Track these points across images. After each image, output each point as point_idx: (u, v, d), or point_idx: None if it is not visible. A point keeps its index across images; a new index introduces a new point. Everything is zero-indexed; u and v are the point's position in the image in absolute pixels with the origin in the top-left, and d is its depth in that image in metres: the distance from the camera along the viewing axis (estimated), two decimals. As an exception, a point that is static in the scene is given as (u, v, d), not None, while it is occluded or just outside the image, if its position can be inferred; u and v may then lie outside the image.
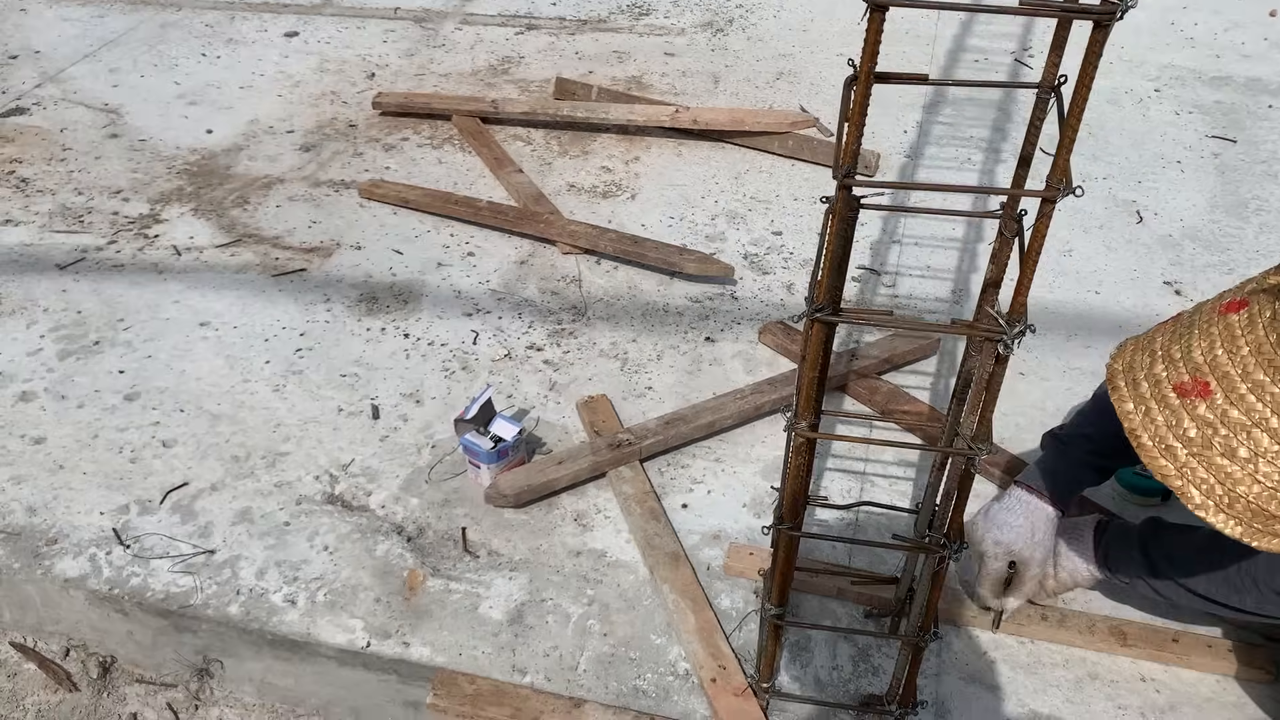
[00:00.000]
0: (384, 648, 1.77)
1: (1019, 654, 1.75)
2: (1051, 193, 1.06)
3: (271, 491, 2.05)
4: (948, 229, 2.77)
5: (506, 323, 2.46)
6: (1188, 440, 1.15)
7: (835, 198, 1.14)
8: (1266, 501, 1.11)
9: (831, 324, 1.24)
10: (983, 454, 1.27)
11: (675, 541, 1.92)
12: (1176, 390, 1.17)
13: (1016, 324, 1.16)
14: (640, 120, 3.12)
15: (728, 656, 1.72)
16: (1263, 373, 1.12)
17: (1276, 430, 1.10)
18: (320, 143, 3.19)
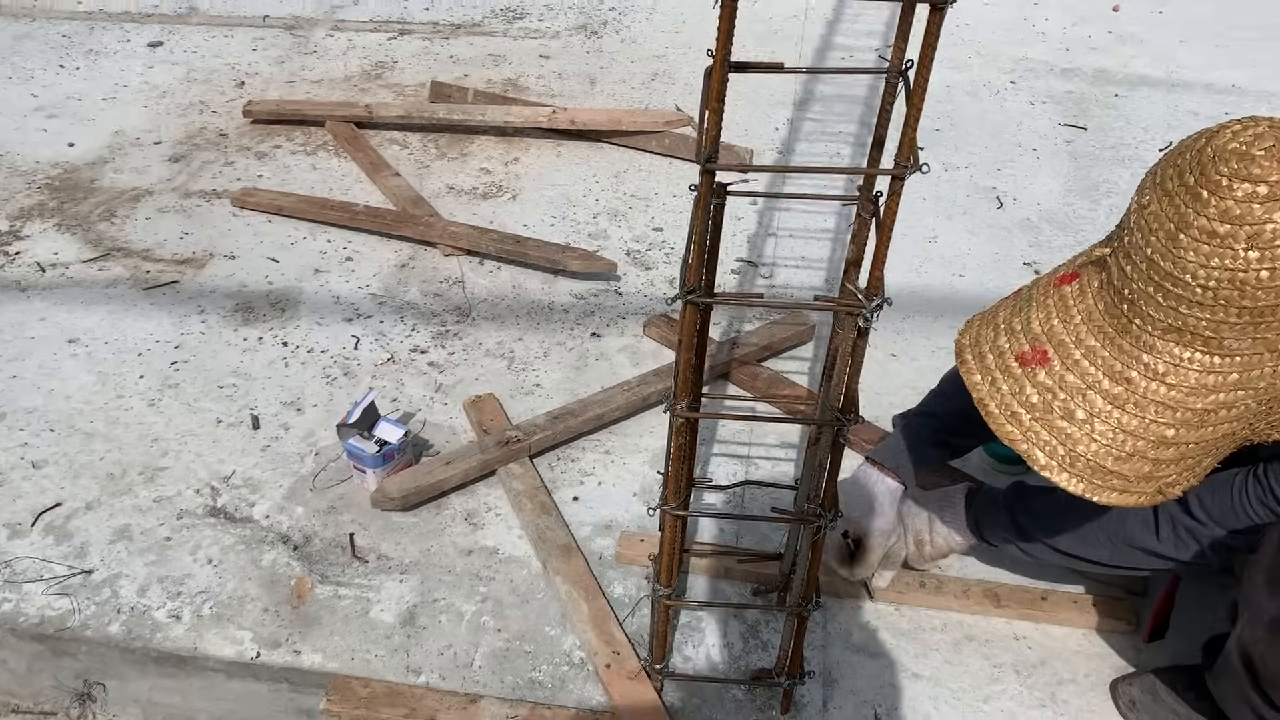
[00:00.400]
0: (274, 657, 1.75)
1: (900, 622, 1.82)
2: (900, 170, 1.12)
3: (150, 507, 2.00)
4: (820, 220, 2.85)
5: (389, 327, 2.45)
6: (1030, 406, 1.22)
7: (700, 182, 1.18)
8: (1103, 458, 1.19)
9: (703, 306, 1.28)
10: (850, 424, 1.32)
11: (567, 533, 1.94)
12: (1019, 360, 1.24)
13: (875, 298, 1.21)
14: (518, 122, 3.14)
15: (621, 642, 1.74)
16: (1094, 339, 1.20)
17: (1108, 391, 1.18)
18: (190, 153, 3.11)
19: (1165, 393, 1.16)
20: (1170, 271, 1.11)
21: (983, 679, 1.73)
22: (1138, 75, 3.64)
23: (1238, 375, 1.15)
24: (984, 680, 1.73)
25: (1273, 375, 1.15)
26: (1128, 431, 1.18)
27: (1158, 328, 1.15)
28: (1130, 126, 3.33)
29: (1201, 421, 1.17)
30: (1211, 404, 1.16)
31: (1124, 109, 3.44)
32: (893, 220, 1.17)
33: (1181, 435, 1.18)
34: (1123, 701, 1.69)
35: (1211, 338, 1.13)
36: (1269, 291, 1.09)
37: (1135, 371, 1.17)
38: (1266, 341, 1.13)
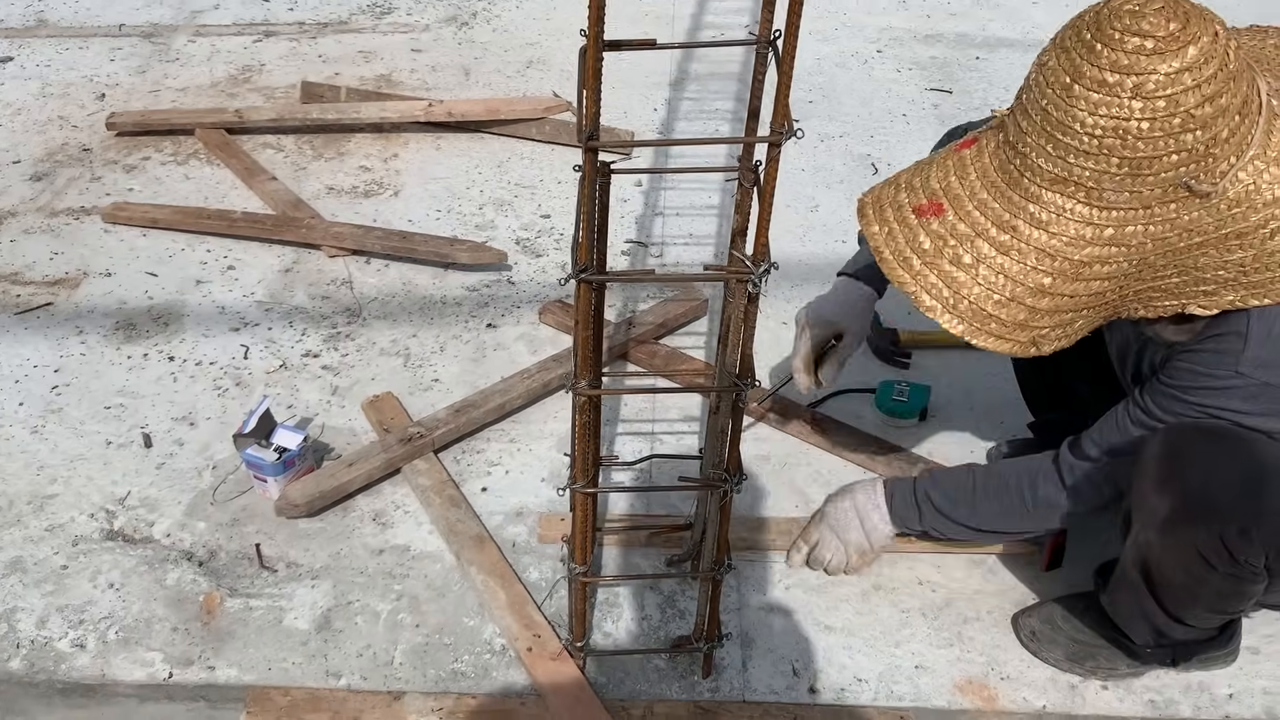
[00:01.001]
0: (188, 675, 1.71)
1: (810, 579, 1.87)
2: (776, 137, 1.15)
3: (43, 537, 1.93)
4: (705, 197, 2.90)
5: (278, 333, 2.40)
6: (922, 251, 1.31)
7: (584, 161, 1.19)
8: (984, 302, 1.29)
9: (595, 284, 1.30)
10: (747, 388, 1.36)
11: (478, 524, 1.94)
12: (915, 211, 1.34)
13: (761, 263, 1.25)
14: (394, 117, 3.10)
15: (541, 625, 1.76)
16: (986, 193, 1.30)
17: (995, 239, 1.28)
18: (53, 170, 2.99)
19: (1046, 240, 1.26)
20: (1061, 120, 1.21)
21: (892, 625, 1.80)
22: (996, 37, 3.77)
23: (1113, 230, 1.24)
24: (894, 626, 1.80)
25: (1144, 234, 1.24)
26: (1009, 276, 1.27)
27: (1045, 178, 1.25)
28: (992, 87, 3.46)
29: (1077, 274, 1.27)
30: (1088, 256, 1.25)
31: (985, 70, 3.56)
32: (773, 186, 1.20)
33: (1057, 285, 1.27)
34: (1024, 634, 1.77)
35: (1093, 189, 1.22)
36: (1148, 143, 1.18)
37: (1021, 220, 1.27)
38: (1141, 197, 1.22)
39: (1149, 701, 1.69)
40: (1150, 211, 1.24)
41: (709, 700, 1.68)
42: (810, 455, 2.12)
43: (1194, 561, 1.43)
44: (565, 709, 1.64)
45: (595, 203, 1.27)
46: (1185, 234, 1.25)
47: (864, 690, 1.70)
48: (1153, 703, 1.69)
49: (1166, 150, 1.19)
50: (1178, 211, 1.24)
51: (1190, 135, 1.19)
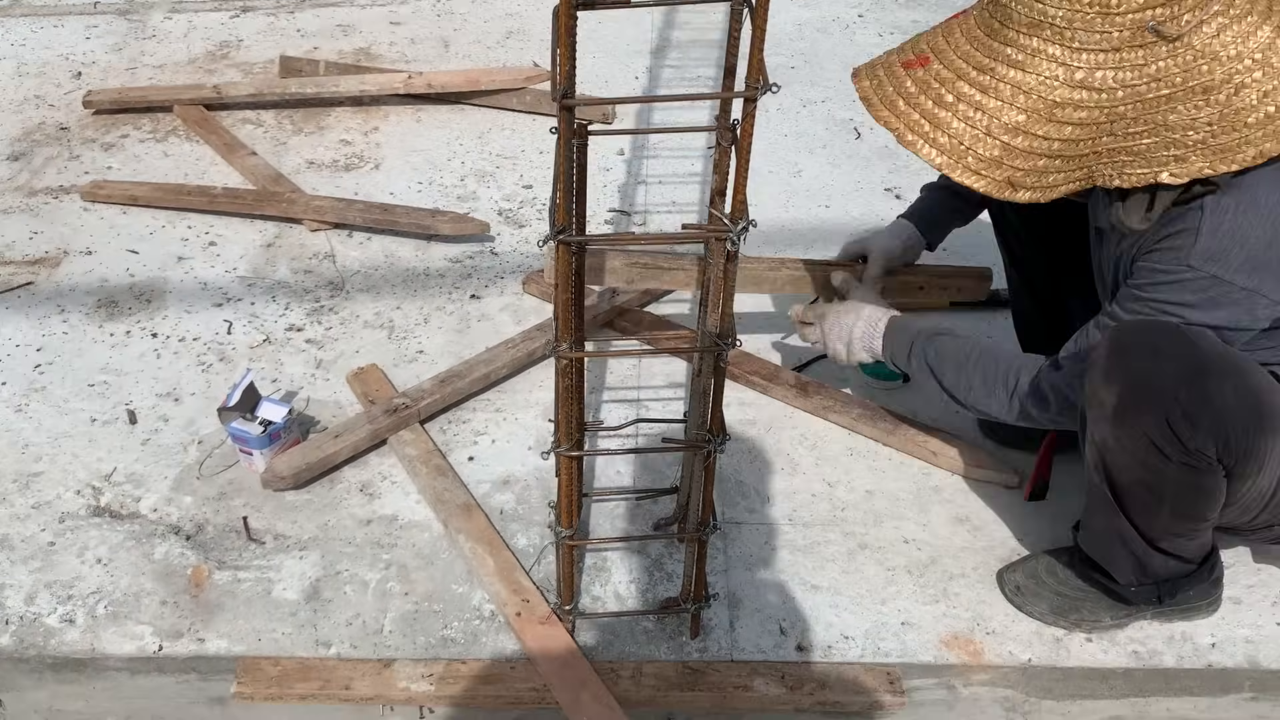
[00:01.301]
0: (178, 648, 1.72)
1: (796, 539, 1.88)
2: (751, 91, 1.15)
3: (29, 514, 1.93)
4: (688, 165, 2.89)
5: (261, 308, 2.40)
6: (907, 94, 1.43)
7: (559, 119, 1.19)
8: (963, 136, 1.38)
9: (574, 246, 1.30)
10: (729, 348, 1.36)
11: (465, 493, 1.94)
12: (903, 66, 1.45)
13: (740, 221, 1.25)
14: (374, 90, 3.08)
15: (530, 590, 1.77)
16: (969, 44, 1.41)
17: (974, 79, 1.38)
18: (30, 150, 2.97)
19: (1021, 78, 1.35)
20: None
21: (878, 583, 1.81)
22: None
23: (1084, 73, 1.32)
24: (880, 584, 1.81)
25: (1114, 80, 1.32)
26: (986, 112, 1.37)
27: (1021, 23, 1.34)
28: (974, 50, 3.45)
29: (1050, 114, 1.35)
30: (1060, 98, 1.34)
31: (967, 34, 3.55)
32: (749, 142, 1.20)
33: (1031, 125, 1.36)
34: (1008, 589, 1.78)
35: (1064, 29, 1.31)
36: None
37: (999, 63, 1.36)
38: (1111, 39, 1.31)
39: (1133, 653, 1.71)
40: (1120, 55, 1.31)
41: (697, 660, 1.69)
42: (796, 419, 2.13)
43: (1147, 451, 1.45)
44: (555, 672, 1.65)
45: (573, 163, 1.27)
46: (1153, 83, 1.32)
47: (851, 647, 1.71)
48: (1136, 654, 1.71)
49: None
50: (1145, 58, 1.31)
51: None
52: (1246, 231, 1.38)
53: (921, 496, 1.96)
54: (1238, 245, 1.38)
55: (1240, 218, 1.38)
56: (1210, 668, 1.70)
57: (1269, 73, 1.31)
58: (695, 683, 1.66)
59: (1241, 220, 1.38)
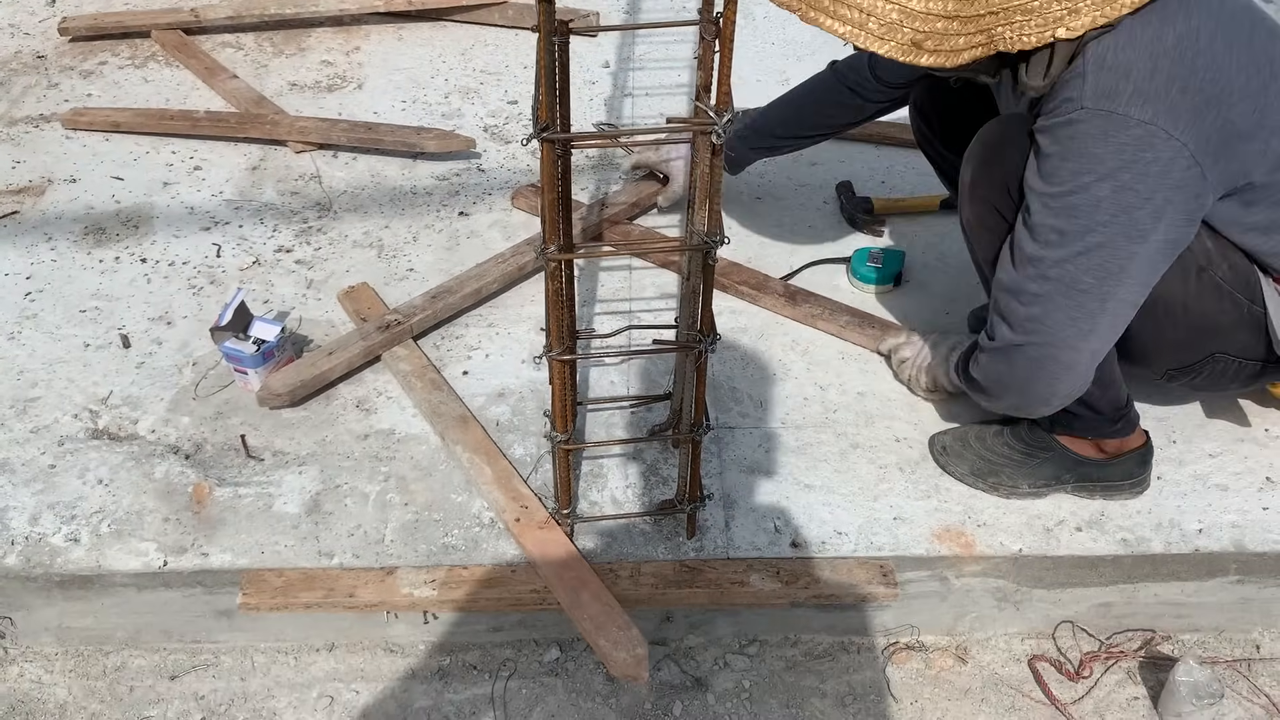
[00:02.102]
0: (182, 563, 1.74)
1: (789, 441, 1.91)
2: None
3: (28, 438, 1.94)
4: (675, 76, 2.86)
5: (249, 230, 2.39)
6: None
7: (538, 12, 1.17)
8: (862, 4, 1.35)
9: (558, 143, 1.29)
10: (717, 245, 1.36)
11: (461, 405, 1.96)
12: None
13: (725, 113, 1.24)
14: (354, 9, 3.03)
15: (528, 497, 1.79)
16: None
17: None
18: (7, 79, 2.93)
19: None
20: None
21: (870, 480, 1.84)
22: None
23: None
24: (872, 482, 1.84)
25: None
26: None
27: None
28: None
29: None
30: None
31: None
32: (731, 33, 1.19)
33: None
34: (935, 449, 1.86)
35: None
36: None
37: None
38: None
39: (1121, 540, 1.74)
40: None
41: (694, 559, 1.72)
42: (786, 326, 2.14)
43: (992, 219, 1.59)
44: (554, 574, 1.68)
45: (554, 61, 1.25)
46: None
47: (844, 543, 1.74)
48: (1125, 541, 1.74)
49: None
50: None
51: None
52: (1130, 64, 1.38)
53: (913, 396, 1.98)
54: (1123, 78, 1.38)
55: (1120, 54, 1.38)
56: (1197, 552, 1.73)
57: None
58: (692, 580, 1.69)
59: (1122, 56, 1.38)
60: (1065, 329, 1.49)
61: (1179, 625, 1.84)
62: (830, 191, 2.46)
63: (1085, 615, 1.82)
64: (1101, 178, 1.40)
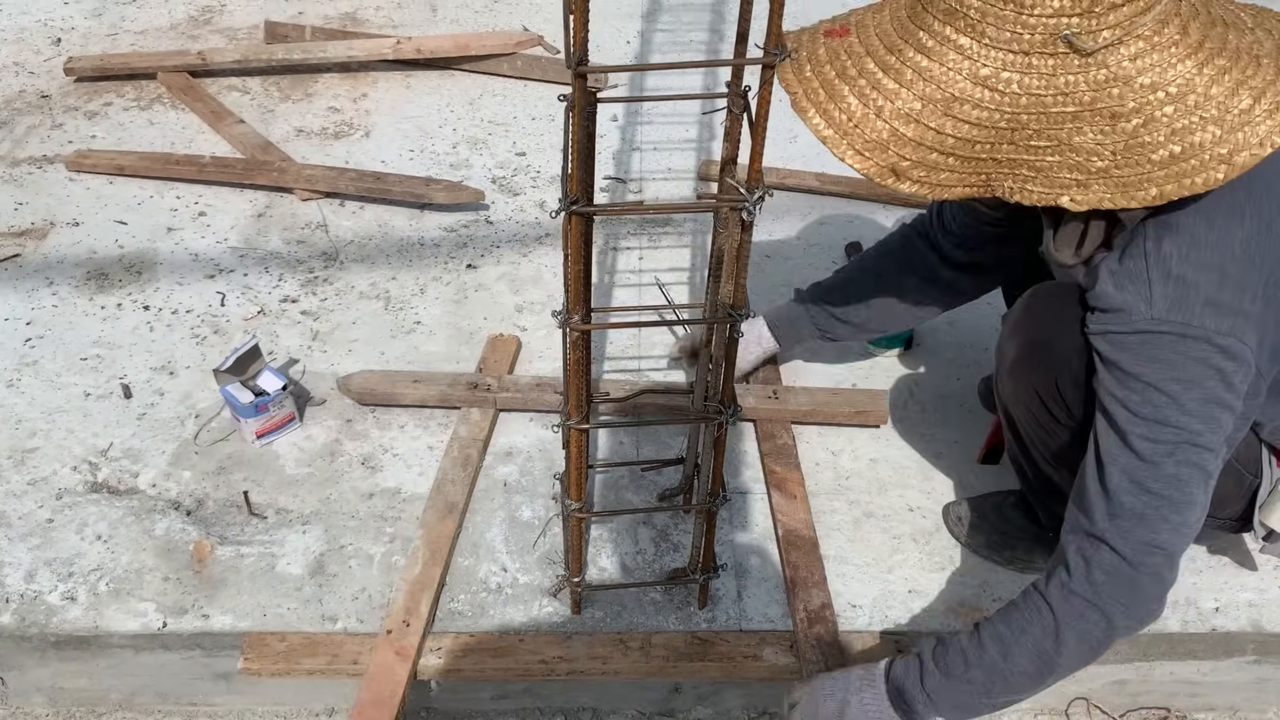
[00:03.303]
0: (182, 624, 1.70)
1: (802, 508, 1.88)
2: (770, 59, 1.13)
3: (26, 491, 1.90)
4: (683, 131, 2.86)
5: (254, 279, 2.36)
6: (816, 60, 1.36)
7: (573, 88, 1.16)
8: (855, 111, 1.30)
9: (587, 216, 1.28)
10: (742, 319, 1.35)
11: (464, 492, 1.87)
12: (825, 33, 1.39)
13: (756, 190, 1.23)
14: (362, 56, 3.03)
15: (419, 615, 1.68)
16: (888, 23, 1.33)
17: (881, 59, 1.30)
18: (11, 119, 2.91)
19: (924, 64, 1.27)
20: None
21: (884, 551, 1.82)
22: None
23: (989, 70, 1.23)
24: (886, 553, 1.81)
25: (1019, 85, 1.23)
26: (882, 92, 1.29)
27: (939, 9, 1.26)
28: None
29: (948, 108, 1.26)
30: (960, 91, 1.25)
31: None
32: (766, 110, 1.18)
33: (925, 115, 1.27)
34: (951, 519, 1.84)
35: (977, 22, 1.23)
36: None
37: (909, 46, 1.28)
38: (1022, 41, 1.22)
39: (1137, 617, 1.72)
40: (1029, 60, 1.23)
41: (706, 630, 1.69)
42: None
43: (1038, 408, 1.51)
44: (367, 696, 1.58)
45: (587, 132, 1.24)
46: (1060, 96, 1.23)
47: (859, 616, 1.72)
48: (1141, 618, 1.72)
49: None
50: (1055, 69, 1.22)
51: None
52: (1198, 273, 1.30)
53: (925, 464, 1.96)
54: (1192, 289, 1.30)
55: (1184, 263, 1.30)
56: (1214, 631, 1.71)
57: (1181, 110, 1.22)
58: (704, 653, 1.66)
59: (1187, 265, 1.30)
60: (1172, 538, 1.35)
61: (1194, 704, 1.82)
62: (839, 251, 2.45)
63: (1100, 692, 1.79)
64: (1187, 386, 1.31)
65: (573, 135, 1.22)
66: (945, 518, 1.85)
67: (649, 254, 2.43)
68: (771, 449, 1.95)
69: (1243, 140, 1.22)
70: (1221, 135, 1.22)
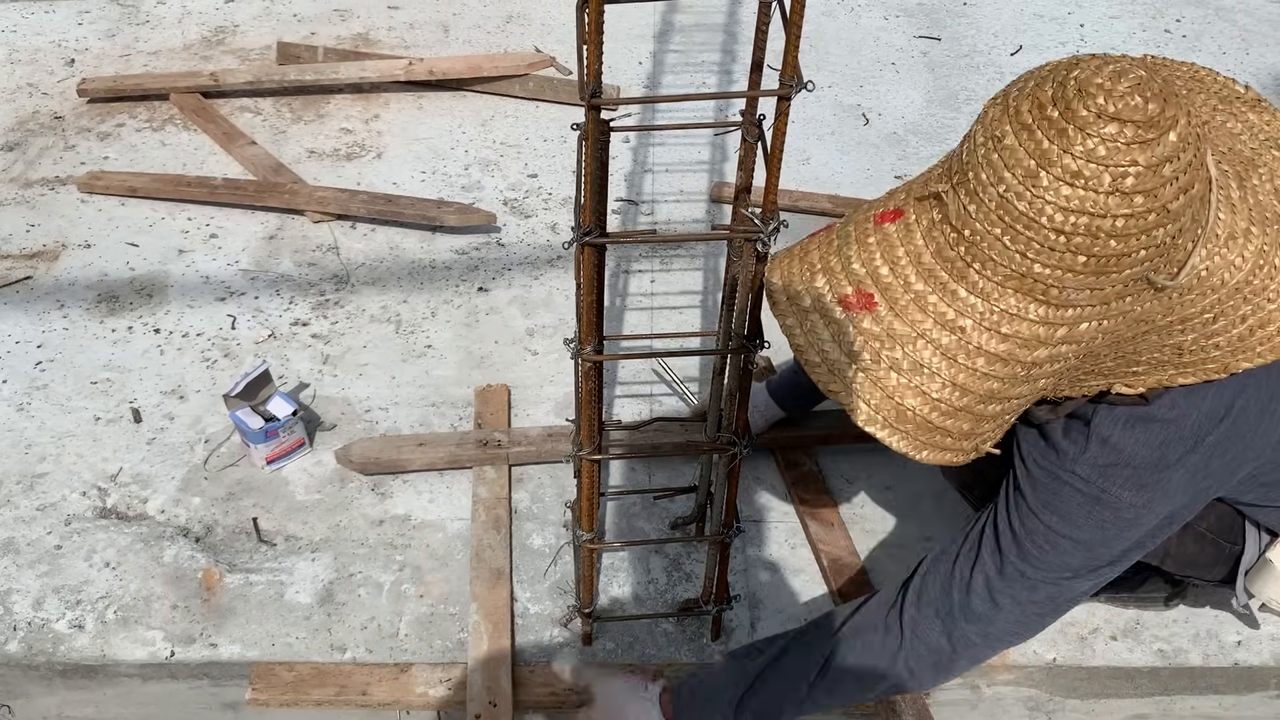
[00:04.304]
0: (190, 653, 1.69)
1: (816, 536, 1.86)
2: (786, 90, 1.11)
3: (34, 516, 1.89)
4: (694, 153, 2.85)
5: (265, 301, 2.36)
6: (854, 355, 1.16)
7: (586, 119, 1.15)
8: (930, 414, 1.15)
9: (601, 246, 1.26)
10: (757, 349, 1.33)
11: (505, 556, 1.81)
12: (841, 304, 1.17)
13: (771, 221, 1.22)
14: (374, 77, 3.03)
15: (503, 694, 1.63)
16: (922, 283, 1.12)
17: (938, 341, 1.12)
18: (24, 140, 2.91)
19: (997, 345, 1.11)
20: (1025, 212, 1.04)
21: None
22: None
23: (1067, 329, 1.10)
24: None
25: (1098, 329, 1.12)
26: (957, 385, 1.13)
27: (999, 273, 1.08)
28: (981, 33, 3.41)
29: (1028, 375, 1.13)
30: (1039, 358, 1.12)
31: (974, 16, 3.51)
32: (782, 142, 1.17)
33: (1005, 390, 1.14)
34: None
35: (1053, 287, 1.07)
36: (1120, 240, 1.04)
37: (969, 320, 1.11)
38: (1103, 294, 1.09)
39: (1158, 651, 1.69)
40: (1108, 307, 1.10)
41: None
42: (811, 413, 2.11)
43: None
44: None
45: (600, 162, 1.23)
46: (1136, 324, 1.14)
47: (874, 648, 1.69)
48: (1162, 652, 1.69)
49: (1137, 247, 1.05)
50: (1133, 305, 1.11)
51: (1162, 230, 1.05)
52: (1135, 450, 1.25)
53: (941, 493, 1.94)
54: (1124, 463, 1.25)
55: (1125, 435, 1.25)
56: (1236, 666, 1.68)
57: (1246, 298, 1.16)
58: (718, 686, 1.63)
59: (1127, 438, 1.25)
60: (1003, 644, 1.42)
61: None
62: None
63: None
64: (1078, 544, 1.30)
65: (585, 165, 1.21)
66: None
67: (660, 277, 2.42)
68: (797, 477, 1.92)
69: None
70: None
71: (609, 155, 1.38)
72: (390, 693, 1.64)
